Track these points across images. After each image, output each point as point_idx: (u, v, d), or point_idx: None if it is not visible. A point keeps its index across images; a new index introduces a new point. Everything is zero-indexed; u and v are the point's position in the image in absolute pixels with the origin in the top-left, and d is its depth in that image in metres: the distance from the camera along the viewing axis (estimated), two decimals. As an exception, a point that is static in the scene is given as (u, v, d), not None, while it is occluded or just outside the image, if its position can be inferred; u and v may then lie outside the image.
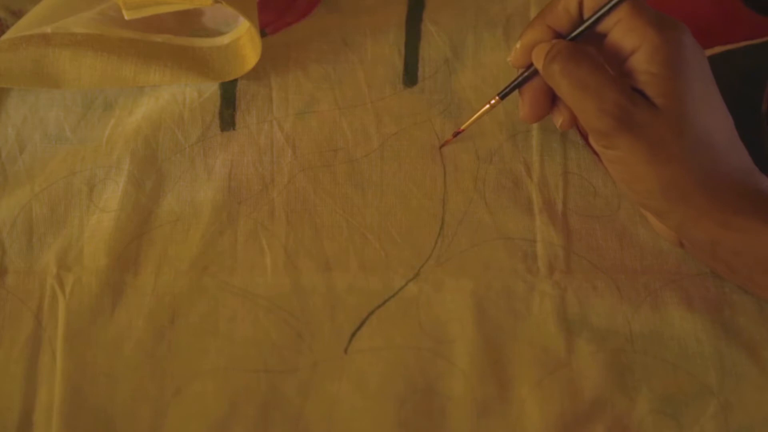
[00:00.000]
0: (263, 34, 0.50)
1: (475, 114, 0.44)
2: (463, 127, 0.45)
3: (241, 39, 0.48)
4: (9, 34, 0.46)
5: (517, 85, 0.41)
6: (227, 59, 0.48)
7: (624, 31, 0.36)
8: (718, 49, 0.48)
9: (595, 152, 0.47)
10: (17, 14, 0.50)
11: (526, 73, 0.41)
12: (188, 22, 0.49)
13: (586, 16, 0.38)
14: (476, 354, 0.42)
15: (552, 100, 0.41)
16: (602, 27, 0.37)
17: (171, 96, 0.48)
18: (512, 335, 0.42)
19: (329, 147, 0.47)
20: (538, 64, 0.39)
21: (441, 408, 0.41)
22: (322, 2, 0.51)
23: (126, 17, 0.45)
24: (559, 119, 0.41)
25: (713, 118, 0.37)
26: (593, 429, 0.40)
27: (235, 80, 0.48)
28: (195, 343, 0.42)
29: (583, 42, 0.38)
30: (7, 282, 0.44)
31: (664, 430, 0.40)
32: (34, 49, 0.47)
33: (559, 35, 0.39)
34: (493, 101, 0.43)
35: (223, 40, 0.49)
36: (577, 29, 0.38)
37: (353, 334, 0.42)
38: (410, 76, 0.49)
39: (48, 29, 0.46)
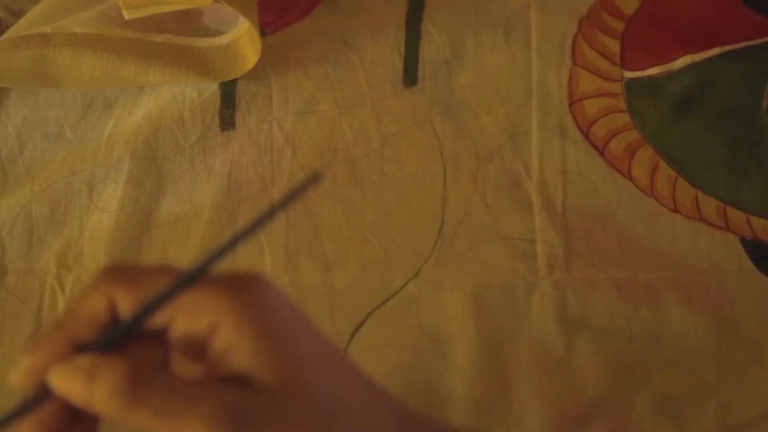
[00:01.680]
0: (263, 34, 0.50)
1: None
2: None
3: (241, 39, 0.48)
4: (9, 34, 0.46)
5: (22, 413, 0.27)
6: (227, 59, 0.48)
7: (190, 314, 0.27)
8: (718, 50, 0.48)
9: (595, 147, 0.46)
10: (17, 14, 0.50)
11: (34, 399, 0.27)
12: (188, 22, 0.49)
13: (125, 315, 0.28)
14: (476, 354, 0.42)
15: (70, 418, 0.28)
16: (155, 322, 0.28)
17: (171, 96, 0.48)
18: (512, 335, 0.42)
19: (329, 147, 0.47)
20: (73, 395, 0.27)
21: (441, 408, 0.41)
22: (322, 2, 0.51)
23: (126, 17, 0.45)
24: None
25: (337, 375, 0.30)
26: (593, 428, 0.40)
27: (235, 80, 0.48)
28: (195, 343, 0.42)
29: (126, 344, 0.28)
30: (7, 282, 0.44)
31: (664, 429, 0.40)
32: (34, 49, 0.47)
33: (81, 348, 0.28)
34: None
35: (223, 39, 0.49)
36: (112, 335, 0.27)
37: (353, 334, 0.42)
38: (410, 76, 0.49)
39: (48, 29, 0.46)
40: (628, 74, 0.48)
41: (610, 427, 0.40)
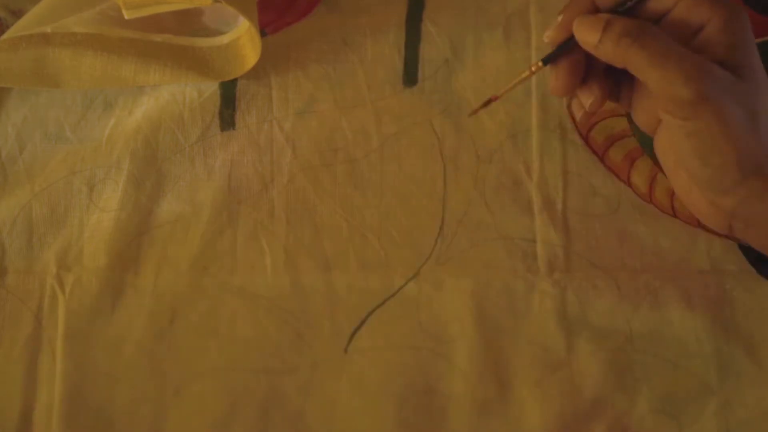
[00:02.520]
0: (263, 33, 0.50)
1: (512, 81, 0.41)
2: (499, 94, 0.41)
3: (241, 39, 0.48)
4: (9, 34, 0.46)
5: (562, 52, 0.38)
6: (227, 59, 0.48)
7: (689, 7, 0.35)
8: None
9: (595, 152, 0.47)
10: (17, 14, 0.50)
11: (566, 45, 0.38)
12: (188, 21, 0.49)
13: None
14: (476, 353, 0.42)
15: (583, 77, 0.39)
16: (660, 6, 0.36)
17: (171, 96, 0.48)
18: (512, 335, 0.42)
19: (329, 147, 0.47)
20: (587, 37, 0.37)
21: (441, 407, 0.41)
22: (322, 2, 0.51)
23: (126, 17, 0.45)
24: (589, 99, 0.39)
25: None
26: (593, 428, 0.40)
27: (235, 80, 0.48)
28: (195, 343, 0.42)
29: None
30: (7, 282, 0.44)
31: (664, 428, 0.40)
32: (34, 49, 0.47)
33: (598, 11, 0.38)
34: (534, 67, 0.39)
35: (223, 39, 0.49)
36: (631, 1, 0.36)
37: (353, 334, 0.43)
38: (410, 76, 0.49)
39: (48, 29, 0.46)
40: (628, 73, 0.48)
41: (610, 427, 0.40)
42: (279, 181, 0.46)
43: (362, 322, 0.43)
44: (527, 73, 0.40)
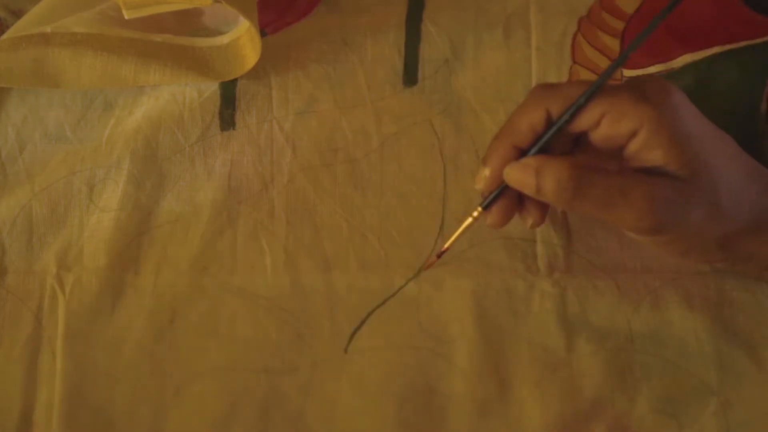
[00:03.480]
0: (263, 33, 0.50)
1: (458, 228, 0.41)
2: (446, 246, 0.42)
3: (241, 39, 0.48)
4: (9, 34, 0.46)
5: (500, 195, 0.38)
6: (227, 59, 0.48)
7: (614, 120, 0.34)
8: (717, 49, 0.48)
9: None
10: (17, 14, 0.50)
11: (501, 188, 0.38)
12: (188, 21, 0.49)
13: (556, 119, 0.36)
14: (476, 353, 0.42)
15: (519, 202, 0.39)
16: (581, 126, 0.35)
17: (171, 96, 0.48)
18: (512, 335, 0.42)
19: (329, 147, 0.47)
20: (523, 186, 0.36)
21: (441, 408, 0.41)
22: (322, 2, 0.51)
23: (126, 17, 0.45)
24: (529, 221, 0.39)
25: (727, 155, 0.36)
26: (593, 428, 0.40)
27: (235, 80, 0.48)
28: (195, 343, 0.42)
29: (557, 147, 0.37)
30: (7, 282, 0.44)
31: (664, 429, 0.40)
32: (34, 49, 0.47)
33: (523, 153, 0.37)
34: (475, 213, 0.40)
35: (223, 39, 0.49)
36: (545, 136, 0.36)
37: (353, 334, 0.43)
38: (410, 76, 0.49)
39: (48, 29, 0.46)
40: (628, 73, 0.48)
41: (610, 427, 0.40)
42: (279, 181, 0.46)
43: (362, 322, 0.43)
44: (470, 219, 0.40)
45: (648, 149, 0.33)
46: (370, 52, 0.49)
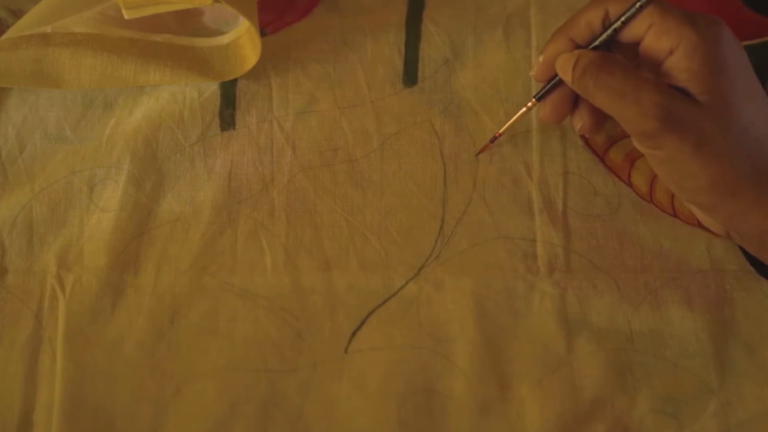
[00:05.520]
0: (263, 33, 0.50)
1: (511, 117, 0.45)
2: (501, 131, 0.46)
3: (241, 39, 0.48)
4: (9, 34, 0.46)
5: (552, 88, 0.42)
6: (227, 59, 0.48)
7: (658, 34, 0.36)
8: (717, 49, 0.48)
9: (595, 153, 0.47)
10: (17, 14, 0.50)
11: (554, 80, 0.41)
12: (188, 21, 0.49)
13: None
14: (476, 353, 0.42)
15: (574, 102, 0.41)
16: (632, 35, 0.38)
17: (171, 96, 0.48)
18: (512, 335, 0.42)
19: (329, 147, 0.47)
20: (565, 75, 0.39)
21: (441, 408, 0.41)
22: (322, 2, 0.51)
23: (126, 17, 0.45)
24: (579, 123, 0.41)
25: (756, 111, 0.37)
26: (593, 428, 0.40)
27: (235, 80, 0.48)
28: (195, 343, 0.42)
29: (612, 52, 0.39)
30: (7, 282, 0.44)
31: (664, 428, 0.40)
32: (34, 49, 0.47)
33: (580, 48, 0.40)
34: (530, 104, 0.43)
35: (223, 39, 0.49)
36: (601, 36, 0.39)
37: (353, 334, 0.42)
38: (410, 75, 0.49)
39: (48, 29, 0.46)
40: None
41: (610, 427, 0.40)
42: (279, 180, 0.46)
43: (362, 322, 0.43)
44: (524, 109, 0.44)
45: (678, 69, 0.35)
46: (370, 51, 0.49)
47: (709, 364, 0.41)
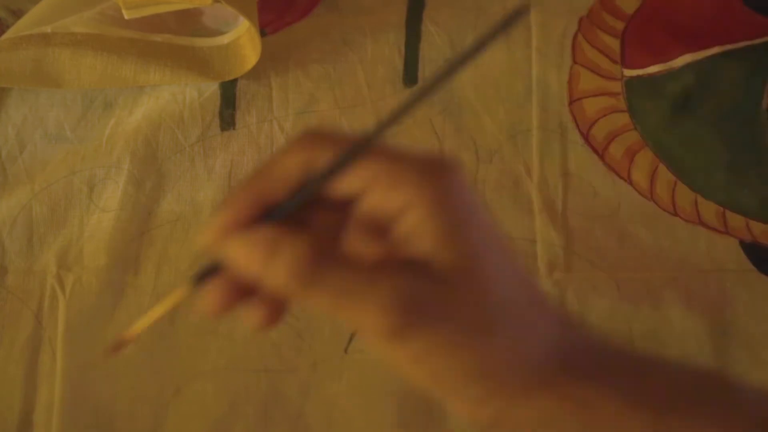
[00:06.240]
0: (263, 33, 0.50)
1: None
2: (135, 332, 0.31)
3: (241, 39, 0.48)
4: (9, 34, 0.46)
5: (210, 272, 0.28)
6: (227, 59, 0.48)
7: (384, 189, 0.26)
8: (717, 49, 0.48)
9: (595, 150, 0.47)
10: (17, 14, 0.50)
11: (213, 264, 0.28)
12: (188, 21, 0.49)
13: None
14: (476, 354, 0.42)
15: (246, 290, 0.28)
16: (347, 189, 0.27)
17: (171, 96, 0.48)
18: (512, 335, 0.42)
19: (329, 147, 0.47)
20: (251, 265, 0.26)
21: (441, 407, 0.41)
22: (322, 2, 0.51)
23: (126, 17, 0.45)
24: (254, 317, 0.29)
25: (509, 270, 0.29)
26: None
27: (235, 80, 0.48)
28: (195, 343, 0.42)
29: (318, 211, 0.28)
30: (7, 282, 0.44)
31: (664, 429, 0.40)
32: (34, 49, 0.47)
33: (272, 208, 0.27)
34: (180, 292, 0.29)
35: (223, 39, 0.49)
36: (303, 192, 0.26)
37: (353, 334, 0.42)
38: (410, 75, 0.49)
39: (48, 29, 0.46)
40: (628, 72, 0.48)
41: (610, 428, 0.40)
42: (279, 181, 0.46)
43: (362, 322, 0.43)
44: (173, 298, 0.30)
45: (418, 233, 0.26)
46: (370, 51, 0.49)
47: (709, 364, 0.41)
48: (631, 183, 0.46)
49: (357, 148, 0.26)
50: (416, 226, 0.26)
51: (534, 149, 0.47)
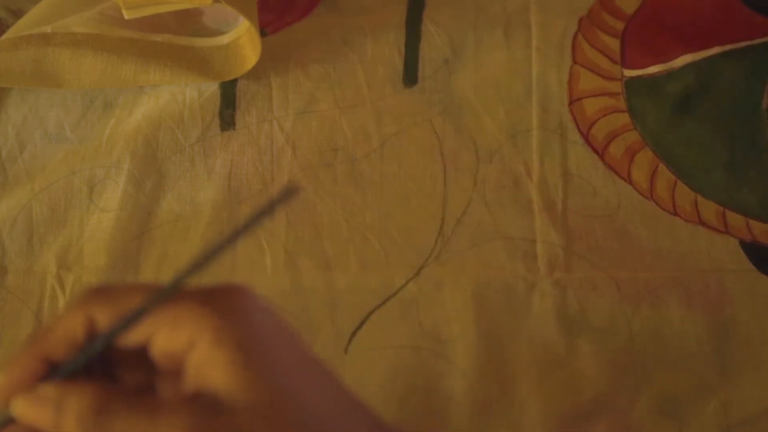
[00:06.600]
0: (263, 33, 0.50)
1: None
2: None
3: (241, 39, 0.48)
4: (9, 34, 0.46)
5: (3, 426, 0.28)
6: (227, 59, 0.48)
7: (169, 330, 0.26)
8: (718, 49, 0.48)
9: (595, 150, 0.47)
10: (17, 14, 0.50)
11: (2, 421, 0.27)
12: (188, 21, 0.49)
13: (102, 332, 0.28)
14: (476, 353, 0.42)
15: None
16: (135, 339, 0.27)
17: (171, 96, 0.48)
18: (512, 335, 0.42)
19: (329, 147, 0.47)
20: (40, 423, 0.27)
21: (441, 408, 0.41)
22: (322, 2, 0.51)
23: (126, 17, 0.45)
24: None
25: (315, 386, 0.29)
26: (594, 428, 0.40)
27: (235, 80, 0.48)
28: (195, 343, 0.42)
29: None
30: (8, 282, 0.44)
31: (664, 428, 0.40)
32: (34, 49, 0.47)
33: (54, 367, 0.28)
34: None
35: (223, 39, 0.49)
36: (89, 350, 0.27)
37: (353, 334, 0.42)
38: (410, 75, 0.49)
39: (48, 29, 0.46)
40: (628, 72, 0.48)
41: (610, 427, 0.40)
42: (279, 180, 0.46)
43: (362, 322, 0.43)
44: None
45: (206, 366, 0.26)
46: (370, 51, 0.49)
47: (709, 364, 0.41)
48: (631, 183, 0.46)
49: (139, 310, 0.26)
50: (203, 359, 0.26)
51: (534, 149, 0.47)
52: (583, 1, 0.50)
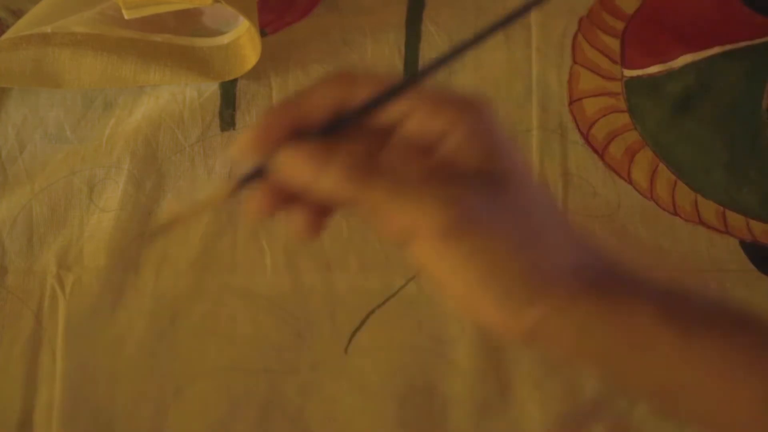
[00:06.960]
0: (263, 33, 0.50)
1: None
2: (186, 216, 0.32)
3: (241, 39, 0.48)
4: (9, 34, 0.46)
5: (253, 177, 0.29)
6: (227, 59, 0.48)
7: (427, 116, 0.28)
8: (718, 49, 0.48)
9: (595, 150, 0.47)
10: (17, 14, 0.50)
11: (253, 170, 0.29)
12: (188, 21, 0.49)
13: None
14: (476, 353, 0.42)
15: (289, 196, 0.30)
16: (386, 118, 0.29)
17: (171, 96, 0.48)
18: (512, 335, 0.42)
19: (329, 147, 0.47)
20: (301, 175, 0.28)
21: (441, 408, 0.41)
22: (322, 2, 0.51)
23: (126, 17, 0.45)
24: (299, 221, 0.31)
25: (539, 193, 0.31)
26: (593, 428, 0.40)
27: (235, 80, 0.48)
28: (195, 344, 0.42)
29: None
30: (8, 282, 0.44)
31: (664, 428, 0.40)
32: (34, 48, 0.47)
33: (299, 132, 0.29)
34: (224, 194, 0.30)
35: (223, 39, 0.49)
36: (341, 122, 0.28)
37: (353, 334, 0.42)
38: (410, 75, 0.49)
39: (48, 29, 0.46)
40: (628, 73, 0.48)
41: (610, 428, 0.40)
42: (279, 181, 0.46)
43: (362, 322, 0.43)
44: (212, 197, 0.30)
45: (460, 152, 0.28)
46: (370, 52, 0.49)
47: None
48: (631, 182, 0.46)
49: (394, 89, 0.28)
50: (461, 144, 0.28)
51: (534, 149, 0.47)
52: (583, 1, 0.50)
